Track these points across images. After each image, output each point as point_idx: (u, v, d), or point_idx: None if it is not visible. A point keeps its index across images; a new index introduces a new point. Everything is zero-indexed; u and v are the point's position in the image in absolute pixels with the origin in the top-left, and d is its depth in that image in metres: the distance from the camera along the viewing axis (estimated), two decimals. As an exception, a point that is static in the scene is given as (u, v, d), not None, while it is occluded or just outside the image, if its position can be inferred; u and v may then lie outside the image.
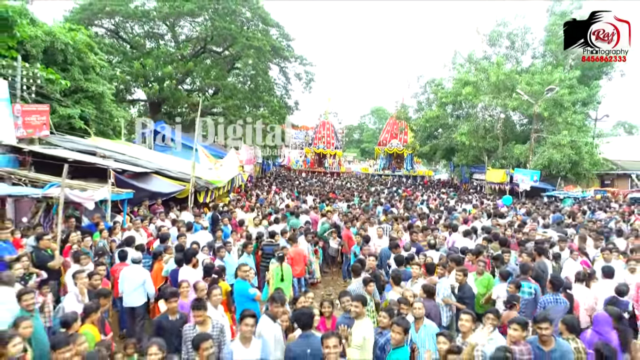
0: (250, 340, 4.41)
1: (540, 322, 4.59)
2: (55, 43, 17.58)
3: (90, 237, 8.37)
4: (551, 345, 4.50)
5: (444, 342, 4.30)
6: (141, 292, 6.64)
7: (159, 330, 4.99)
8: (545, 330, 4.52)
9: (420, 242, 9.53)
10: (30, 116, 13.79)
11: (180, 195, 14.81)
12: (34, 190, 9.02)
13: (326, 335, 3.96)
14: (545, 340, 4.53)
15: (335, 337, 3.90)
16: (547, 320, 4.57)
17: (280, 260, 7.42)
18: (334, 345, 3.84)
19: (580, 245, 9.41)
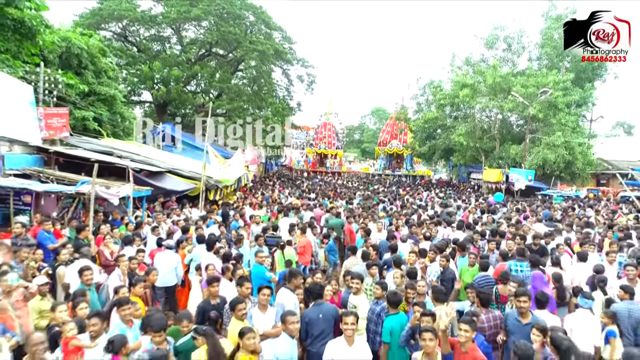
0: (266, 308, 5.33)
1: (520, 296, 5.09)
2: (71, 48, 18.48)
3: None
4: (528, 318, 5.05)
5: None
6: (173, 274, 7.60)
7: (203, 314, 5.35)
8: (524, 303, 5.05)
9: (418, 235, 10.46)
10: (51, 119, 14.73)
11: (191, 193, 15.75)
12: (67, 187, 9.95)
13: (345, 313, 4.67)
14: (523, 312, 5.06)
15: (353, 315, 4.61)
16: (526, 294, 5.12)
17: (281, 248, 8.45)
18: (352, 322, 4.51)
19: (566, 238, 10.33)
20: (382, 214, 13.98)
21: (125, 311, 4.61)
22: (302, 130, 58.51)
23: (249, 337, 4.13)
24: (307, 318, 5.14)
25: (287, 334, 4.35)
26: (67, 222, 9.49)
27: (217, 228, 10.88)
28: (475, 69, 33.40)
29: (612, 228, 11.11)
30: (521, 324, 5.01)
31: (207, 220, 11.32)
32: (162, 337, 4.28)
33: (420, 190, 29.34)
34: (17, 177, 11.06)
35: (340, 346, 4.32)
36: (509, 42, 34.38)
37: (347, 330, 4.39)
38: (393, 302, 5.24)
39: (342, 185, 32.82)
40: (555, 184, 28.32)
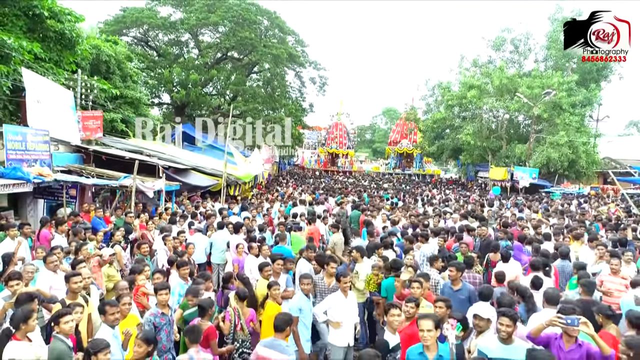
0: (279, 275, 6.60)
1: (451, 266, 5.99)
2: (100, 55, 20.04)
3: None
4: (459, 285, 5.92)
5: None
6: (204, 253, 9.09)
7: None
8: (454, 272, 5.92)
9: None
10: (88, 121, 16.32)
11: (213, 188, 17.20)
12: (110, 181, 11.42)
13: (343, 274, 5.81)
14: (454, 280, 5.93)
15: (348, 276, 5.86)
16: (456, 265, 6.02)
17: (289, 230, 10.02)
18: (347, 281, 5.70)
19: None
20: (387, 206, 15.29)
21: (185, 270, 6.05)
22: (314, 131, 59.90)
23: (275, 289, 5.51)
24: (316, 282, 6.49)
25: (303, 293, 5.60)
26: (112, 211, 10.95)
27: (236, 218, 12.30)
28: (483, 70, 34.48)
29: (582, 221, 12.33)
30: (452, 290, 5.89)
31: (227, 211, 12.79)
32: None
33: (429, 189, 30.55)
34: (62, 172, 12.56)
35: (337, 297, 5.57)
36: (515, 44, 35.41)
37: (345, 286, 5.62)
38: (392, 268, 6.54)
39: (352, 184, 34.17)
40: (559, 181, 29.25)
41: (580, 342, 3.92)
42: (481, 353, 3.95)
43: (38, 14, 14.46)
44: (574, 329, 3.83)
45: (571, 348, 3.93)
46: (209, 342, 4.73)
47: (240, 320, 5.44)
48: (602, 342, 3.88)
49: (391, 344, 4.21)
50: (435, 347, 3.90)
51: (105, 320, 4.14)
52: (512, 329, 3.98)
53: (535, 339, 4.04)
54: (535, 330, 4.05)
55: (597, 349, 3.87)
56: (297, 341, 5.24)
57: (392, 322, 4.29)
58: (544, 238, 9.06)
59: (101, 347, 3.41)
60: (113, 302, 4.36)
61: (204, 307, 4.86)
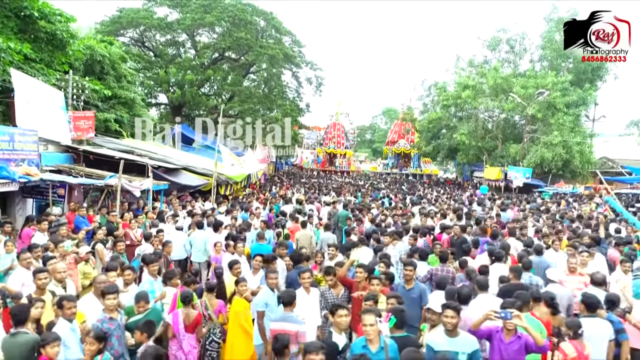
0: (258, 272, 6.77)
1: (406, 265, 5.96)
2: (94, 55, 20.15)
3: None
4: (411, 284, 5.90)
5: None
6: (183, 250, 9.29)
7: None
8: (409, 271, 5.91)
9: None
10: (79, 121, 16.44)
11: (204, 188, 17.30)
12: (96, 180, 11.55)
13: (303, 270, 6.02)
14: (408, 280, 5.92)
15: (309, 272, 5.94)
16: (412, 264, 6.05)
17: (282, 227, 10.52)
18: (308, 277, 5.79)
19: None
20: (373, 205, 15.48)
21: (153, 267, 6.18)
22: (313, 131, 60.03)
23: (242, 285, 5.63)
24: (289, 278, 6.59)
25: (269, 287, 5.70)
26: (97, 210, 11.06)
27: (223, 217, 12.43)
28: (478, 70, 34.58)
29: (562, 218, 12.45)
30: (405, 289, 5.88)
31: (214, 211, 12.89)
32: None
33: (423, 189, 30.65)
34: (51, 172, 12.68)
35: (300, 294, 5.63)
36: (511, 44, 35.49)
37: (305, 282, 5.74)
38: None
39: (349, 183, 34.31)
40: (553, 181, 29.29)
41: (519, 334, 4.08)
42: (429, 347, 4.06)
43: (28, 14, 14.60)
44: (509, 324, 3.97)
45: (511, 340, 4.09)
46: (195, 328, 5.34)
47: (207, 311, 5.67)
48: (535, 333, 4.06)
49: (340, 344, 4.31)
50: (377, 340, 4.01)
51: (62, 315, 4.25)
52: (457, 320, 4.08)
53: (476, 332, 4.16)
54: (475, 324, 4.18)
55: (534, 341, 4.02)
56: (263, 335, 5.36)
57: (339, 322, 4.37)
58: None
59: (49, 340, 3.52)
60: (70, 296, 4.48)
61: (187, 296, 5.35)
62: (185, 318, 5.33)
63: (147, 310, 5.06)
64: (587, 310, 4.93)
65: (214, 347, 5.64)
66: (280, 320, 4.88)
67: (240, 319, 5.47)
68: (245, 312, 5.52)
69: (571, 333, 4.31)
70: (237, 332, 5.49)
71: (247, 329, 5.48)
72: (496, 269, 6.79)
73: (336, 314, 4.38)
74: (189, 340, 5.37)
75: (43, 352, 3.52)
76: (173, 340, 5.40)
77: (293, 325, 4.75)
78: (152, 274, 6.14)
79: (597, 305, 4.92)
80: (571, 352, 4.07)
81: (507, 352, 4.07)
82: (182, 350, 5.35)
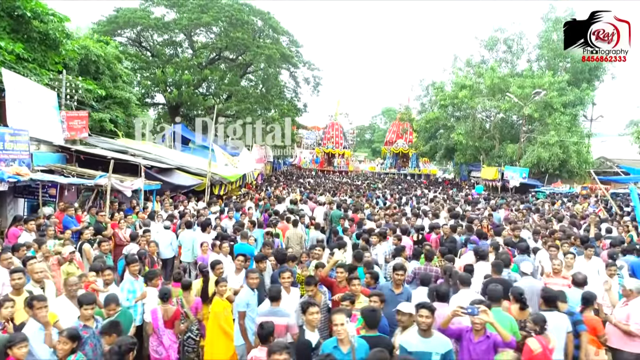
0: (240, 271, 6.73)
1: (396, 270, 5.84)
2: (89, 55, 20.12)
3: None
4: (400, 289, 5.80)
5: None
6: (170, 248, 9.34)
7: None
8: (400, 276, 5.78)
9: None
10: (73, 121, 16.41)
11: (198, 188, 17.28)
12: (87, 180, 11.53)
13: (283, 270, 6.02)
14: (397, 284, 5.79)
15: (289, 272, 5.96)
16: (403, 268, 5.96)
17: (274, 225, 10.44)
18: (288, 277, 5.83)
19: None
20: (367, 206, 15.46)
21: (134, 267, 6.16)
22: (312, 131, 60.03)
23: (222, 285, 5.61)
24: (274, 277, 6.57)
25: (248, 286, 5.68)
26: (87, 210, 11.05)
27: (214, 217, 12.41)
28: (476, 70, 34.54)
29: (554, 218, 12.48)
30: (394, 293, 5.71)
31: (206, 210, 12.89)
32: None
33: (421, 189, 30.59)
34: (43, 172, 12.65)
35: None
36: (509, 44, 35.41)
37: (285, 282, 5.74)
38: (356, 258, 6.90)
39: (346, 183, 34.27)
40: (550, 181, 29.26)
41: (488, 333, 4.07)
42: (402, 348, 4.04)
43: (21, 14, 14.58)
44: (477, 319, 3.95)
45: (480, 340, 4.08)
46: (173, 323, 5.54)
47: (183, 309, 5.79)
48: (501, 329, 4.06)
49: (313, 342, 4.29)
50: (348, 340, 3.99)
51: (32, 315, 4.23)
52: (431, 320, 4.06)
53: (446, 330, 4.14)
54: (444, 322, 4.17)
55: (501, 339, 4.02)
56: (244, 335, 5.33)
57: (310, 320, 4.36)
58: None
59: (16, 341, 3.50)
60: (41, 296, 4.45)
61: (165, 293, 5.57)
62: (164, 314, 5.54)
63: (117, 312, 5.00)
64: (546, 305, 5.08)
65: (190, 343, 5.85)
66: (268, 314, 4.94)
67: (219, 319, 5.46)
68: (224, 312, 5.50)
69: (537, 328, 4.37)
70: (217, 333, 5.48)
71: (226, 329, 5.46)
72: (481, 267, 6.80)
73: (307, 312, 4.37)
74: (169, 335, 5.58)
75: (10, 353, 3.50)
76: (153, 336, 5.59)
77: (282, 319, 4.88)
78: (132, 273, 6.12)
79: (555, 299, 5.09)
80: (537, 348, 4.12)
81: (475, 352, 4.05)
82: (162, 346, 5.54)
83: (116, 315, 4.94)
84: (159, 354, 5.56)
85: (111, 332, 4.09)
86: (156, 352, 5.58)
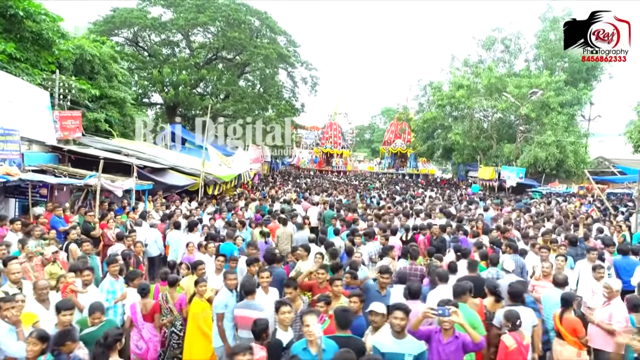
0: (221, 272, 6.65)
1: (383, 273, 5.81)
2: (84, 55, 20.05)
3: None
4: (384, 291, 5.76)
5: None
6: (155, 246, 9.43)
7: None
8: (385, 279, 5.78)
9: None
10: (66, 121, 16.36)
11: (192, 188, 17.24)
12: (77, 180, 11.49)
13: (262, 270, 5.94)
14: (383, 286, 5.76)
15: (268, 272, 5.87)
16: (389, 271, 5.92)
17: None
18: (267, 277, 5.71)
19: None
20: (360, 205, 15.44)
21: (114, 267, 6.12)
22: (311, 131, 59.96)
23: (201, 285, 5.57)
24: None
25: (226, 287, 5.61)
26: (76, 210, 11.02)
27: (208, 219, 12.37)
28: (473, 70, 34.50)
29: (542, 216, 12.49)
30: (380, 295, 5.70)
31: (198, 210, 12.85)
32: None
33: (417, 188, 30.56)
34: (34, 172, 12.61)
35: (259, 294, 5.58)
36: (506, 44, 35.40)
37: (263, 282, 5.69)
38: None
39: (343, 183, 34.26)
40: (547, 181, 29.20)
41: (457, 334, 4.06)
42: (376, 349, 4.00)
43: (13, 14, 14.56)
44: (447, 320, 3.93)
45: (449, 340, 4.06)
46: (153, 316, 5.63)
47: (168, 304, 5.85)
48: (471, 330, 4.04)
49: (284, 341, 4.26)
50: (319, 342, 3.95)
51: (0, 316, 4.19)
52: (405, 322, 4.02)
53: (415, 332, 4.10)
54: (414, 324, 4.13)
55: (471, 339, 4.01)
56: (223, 337, 5.29)
57: (283, 319, 4.33)
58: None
59: None
60: (8, 297, 4.42)
61: (144, 288, 5.69)
62: (142, 308, 5.62)
63: (102, 322, 4.83)
64: (511, 300, 5.26)
65: (174, 338, 5.93)
66: (243, 307, 5.19)
67: (198, 320, 5.43)
68: (203, 313, 5.47)
69: (510, 325, 4.46)
70: (196, 334, 5.45)
71: (205, 330, 5.43)
72: (463, 265, 6.82)
73: (280, 311, 4.34)
74: (149, 329, 5.67)
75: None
76: (133, 330, 5.64)
77: (254, 312, 5.00)
78: (112, 274, 6.08)
79: (521, 294, 5.27)
80: (511, 344, 4.14)
81: (445, 353, 4.02)
82: (143, 339, 5.61)
83: (100, 325, 4.75)
84: (140, 349, 5.63)
85: (64, 341, 3.96)
86: (137, 346, 5.63)
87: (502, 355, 4.35)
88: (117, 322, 5.35)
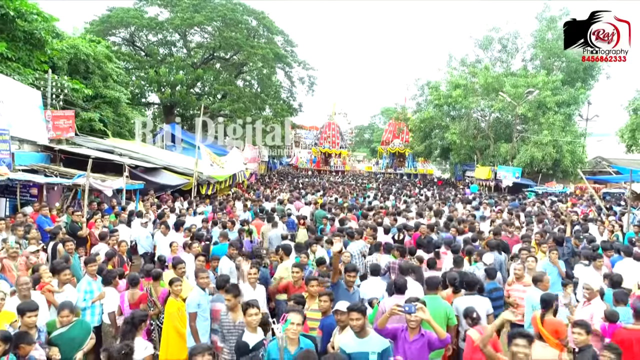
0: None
1: (349, 271, 5.85)
2: (78, 54, 20.02)
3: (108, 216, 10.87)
4: (352, 289, 5.81)
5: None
6: (147, 242, 9.69)
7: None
8: (352, 277, 5.83)
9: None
10: (58, 120, 16.33)
11: (186, 187, 17.21)
12: (65, 180, 11.47)
13: (251, 265, 6.11)
14: (349, 284, 5.81)
15: (255, 268, 5.99)
16: (354, 269, 6.00)
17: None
18: (254, 273, 5.87)
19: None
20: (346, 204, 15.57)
21: (92, 267, 6.09)
22: (310, 130, 59.95)
23: (176, 285, 5.55)
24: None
25: (199, 286, 5.58)
26: (64, 209, 10.99)
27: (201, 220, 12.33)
28: (470, 69, 34.45)
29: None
30: (348, 293, 5.72)
31: (189, 210, 12.82)
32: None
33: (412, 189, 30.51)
34: (25, 172, 12.59)
35: (246, 289, 5.66)
36: (503, 43, 35.31)
37: (251, 278, 5.78)
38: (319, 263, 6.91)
39: (340, 183, 34.22)
40: (544, 181, 29.14)
41: (423, 332, 4.06)
42: (342, 350, 3.97)
43: (5, 13, 14.52)
44: (413, 317, 3.92)
45: (415, 338, 4.05)
46: (139, 306, 5.74)
47: (152, 297, 6.00)
48: (438, 327, 4.05)
49: (251, 343, 4.23)
50: (297, 341, 3.97)
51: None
52: (362, 321, 4.02)
53: (382, 331, 4.07)
54: (380, 322, 4.10)
55: (436, 336, 4.02)
56: (195, 336, 5.25)
57: (249, 321, 4.30)
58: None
59: None
60: None
61: (133, 279, 5.93)
62: (130, 297, 5.85)
63: (72, 322, 4.66)
64: (467, 289, 5.54)
65: (159, 331, 5.97)
66: (217, 300, 5.45)
67: (173, 320, 5.40)
68: (178, 313, 5.43)
69: (470, 321, 4.65)
70: (172, 334, 5.42)
71: (180, 330, 5.39)
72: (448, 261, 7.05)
73: (247, 313, 4.32)
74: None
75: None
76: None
77: (222, 304, 5.18)
78: (90, 274, 6.04)
79: (475, 284, 5.53)
80: (477, 338, 4.19)
81: (410, 351, 4.00)
82: None
83: (70, 325, 4.65)
84: None
85: (19, 343, 3.85)
86: None
87: (468, 349, 4.39)
88: (89, 323, 5.25)
